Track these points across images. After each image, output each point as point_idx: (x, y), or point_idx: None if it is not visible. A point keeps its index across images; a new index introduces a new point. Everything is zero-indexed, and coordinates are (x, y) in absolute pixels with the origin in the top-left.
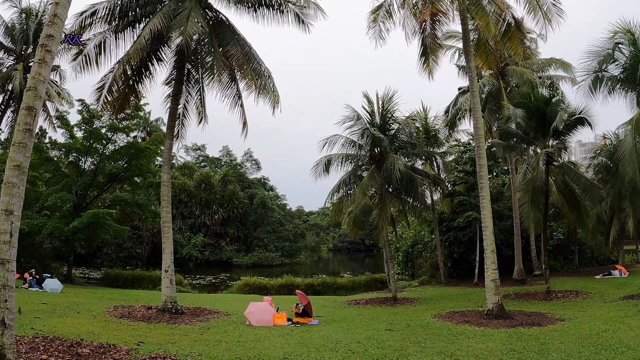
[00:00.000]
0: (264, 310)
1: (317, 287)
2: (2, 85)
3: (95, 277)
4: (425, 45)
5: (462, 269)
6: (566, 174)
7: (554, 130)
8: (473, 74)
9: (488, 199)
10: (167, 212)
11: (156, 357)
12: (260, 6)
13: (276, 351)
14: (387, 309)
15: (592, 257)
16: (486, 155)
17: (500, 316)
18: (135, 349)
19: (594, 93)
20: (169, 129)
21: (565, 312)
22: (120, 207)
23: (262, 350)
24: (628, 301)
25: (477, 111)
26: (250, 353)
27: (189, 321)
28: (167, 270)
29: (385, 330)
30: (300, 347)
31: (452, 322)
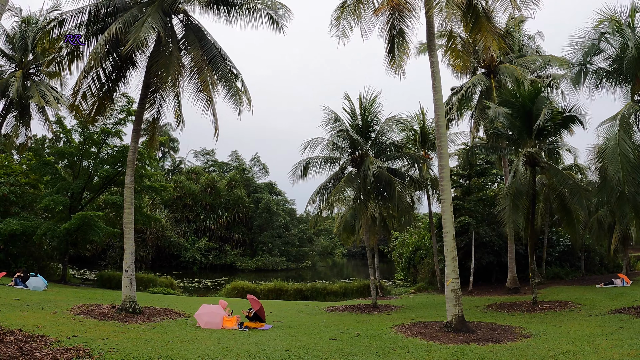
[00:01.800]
0: (213, 313)
1: (306, 292)
2: (3, 92)
3: (91, 279)
4: (392, 42)
5: (461, 276)
6: (553, 176)
7: (538, 129)
8: (435, 69)
9: (449, 203)
10: (129, 213)
11: (71, 350)
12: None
13: (194, 353)
14: (358, 317)
15: (600, 264)
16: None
17: (459, 329)
18: (61, 341)
19: (577, 88)
20: (134, 132)
21: (539, 326)
22: (112, 209)
23: (180, 352)
24: (615, 315)
25: (439, 108)
26: (167, 353)
27: (142, 320)
28: (127, 271)
29: (328, 339)
30: (222, 351)
31: (407, 333)
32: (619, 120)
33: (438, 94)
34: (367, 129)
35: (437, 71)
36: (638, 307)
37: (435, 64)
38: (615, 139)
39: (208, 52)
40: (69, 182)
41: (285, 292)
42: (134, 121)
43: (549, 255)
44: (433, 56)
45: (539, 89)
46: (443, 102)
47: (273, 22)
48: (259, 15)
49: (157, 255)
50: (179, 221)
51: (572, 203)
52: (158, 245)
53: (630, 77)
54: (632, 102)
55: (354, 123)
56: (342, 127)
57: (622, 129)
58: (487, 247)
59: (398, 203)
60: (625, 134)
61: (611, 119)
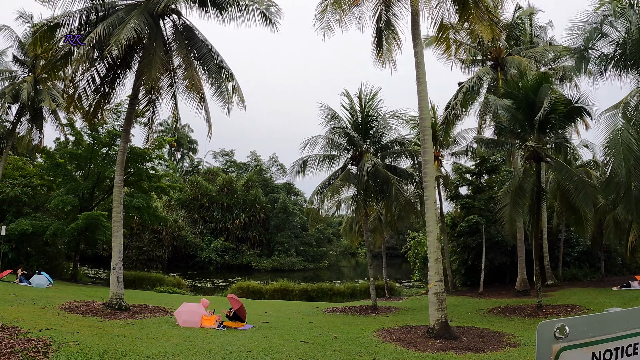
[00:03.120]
0: (192, 312)
1: (312, 293)
2: (16, 96)
3: (103, 278)
4: (381, 34)
5: (475, 277)
6: (558, 172)
7: (542, 122)
8: (419, 59)
9: (433, 200)
10: (118, 212)
11: (33, 340)
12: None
13: (152, 350)
14: (351, 318)
15: (622, 264)
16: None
17: (441, 335)
18: (30, 333)
19: (578, 75)
20: (124, 132)
21: (533, 334)
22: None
23: (140, 348)
24: None
25: (423, 100)
26: (126, 348)
27: (124, 317)
28: (115, 268)
29: (300, 342)
30: (181, 350)
31: (386, 338)
32: (622, 108)
33: (422, 85)
34: (367, 126)
35: (421, 61)
36: None
37: (419, 54)
38: (617, 129)
39: (198, 51)
40: (79, 183)
41: (291, 292)
42: (124, 121)
43: (568, 256)
44: (417, 46)
45: (542, 79)
46: (427, 94)
47: (266, 19)
48: (251, 13)
49: (173, 256)
50: (196, 221)
51: (577, 200)
52: (174, 245)
53: (635, 62)
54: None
55: (352, 120)
56: (340, 124)
57: (625, 118)
58: (500, 248)
59: (395, 201)
60: (628, 124)
61: (613, 108)
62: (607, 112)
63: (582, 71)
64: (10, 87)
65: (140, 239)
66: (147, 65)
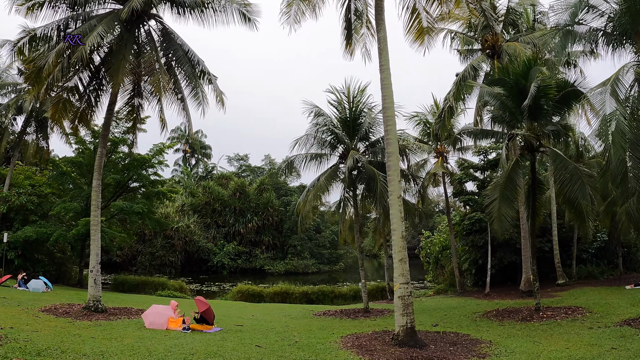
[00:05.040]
0: (158, 314)
1: (312, 296)
2: (20, 107)
3: (108, 283)
4: (350, 24)
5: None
6: (552, 161)
7: (533, 108)
8: (382, 45)
9: (397, 195)
10: (96, 215)
11: None
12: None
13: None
14: (336, 322)
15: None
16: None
17: (406, 343)
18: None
19: (563, 53)
20: (101, 138)
21: (515, 342)
22: (122, 215)
23: (84, 347)
24: (620, 329)
25: (386, 88)
26: (72, 347)
27: (96, 319)
28: (92, 271)
29: (255, 346)
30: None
31: (347, 345)
32: (610, 85)
33: (385, 72)
34: (355, 122)
35: (384, 48)
36: None
37: (382, 40)
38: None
39: (174, 54)
40: (82, 190)
41: (291, 295)
42: (102, 127)
43: (585, 252)
44: (381, 32)
45: (532, 62)
46: (391, 82)
47: (245, 18)
48: (230, 13)
49: (186, 260)
50: (209, 226)
51: (572, 191)
52: (187, 250)
53: (627, 36)
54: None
55: (340, 116)
56: (325, 122)
57: (615, 96)
58: (509, 246)
59: (381, 199)
60: (619, 103)
61: (601, 85)
62: (595, 90)
63: (569, 48)
64: (14, 99)
65: (153, 245)
66: (115, 71)
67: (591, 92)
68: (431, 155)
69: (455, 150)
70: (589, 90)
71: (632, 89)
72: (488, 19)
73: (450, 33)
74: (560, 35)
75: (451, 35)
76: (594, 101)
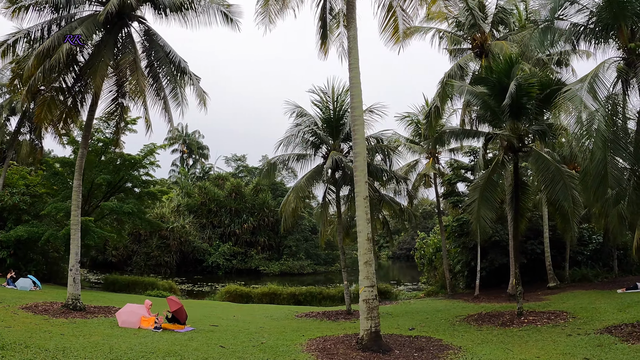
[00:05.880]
0: (131, 312)
1: (300, 297)
2: (13, 109)
3: (101, 282)
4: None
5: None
6: (534, 162)
7: (512, 108)
8: (352, 44)
9: (363, 196)
10: (76, 215)
11: None
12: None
13: (58, 345)
14: (312, 323)
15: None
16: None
17: (369, 348)
18: None
19: (541, 50)
20: (83, 138)
21: (486, 349)
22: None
23: (48, 343)
24: (600, 336)
25: (355, 87)
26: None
27: (73, 317)
28: (72, 269)
29: (219, 347)
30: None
31: (310, 348)
32: (588, 82)
33: (354, 71)
34: (338, 122)
35: (353, 47)
36: (638, 323)
37: (352, 39)
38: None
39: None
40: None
41: (279, 296)
42: (84, 128)
43: (580, 255)
44: (351, 30)
45: (513, 60)
46: (360, 81)
47: (227, 19)
48: (212, 14)
49: (182, 261)
50: (204, 227)
51: (553, 193)
52: (182, 250)
53: (608, 30)
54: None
55: (323, 117)
56: (307, 122)
57: (592, 93)
58: (500, 247)
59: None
60: (596, 101)
61: (578, 82)
62: (571, 87)
63: (549, 45)
64: (8, 100)
65: (148, 245)
66: (94, 72)
67: (566, 89)
68: (423, 156)
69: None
70: (566, 88)
71: (614, 86)
72: (475, 17)
73: (438, 32)
74: (539, 31)
75: (439, 35)
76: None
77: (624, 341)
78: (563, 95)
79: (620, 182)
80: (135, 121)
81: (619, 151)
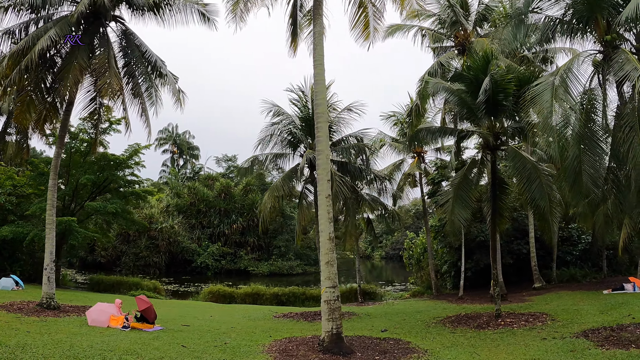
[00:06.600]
0: (101, 311)
1: (283, 297)
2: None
3: (86, 283)
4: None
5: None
6: (511, 160)
7: (488, 104)
8: (317, 39)
9: (325, 194)
10: (51, 214)
11: None
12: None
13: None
14: (286, 324)
15: (630, 263)
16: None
17: (330, 350)
18: None
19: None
20: (59, 138)
21: (455, 353)
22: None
23: (11, 339)
24: (575, 340)
25: (319, 84)
26: None
27: (45, 315)
28: (46, 269)
29: (180, 346)
30: (47, 343)
31: (270, 349)
32: (559, 76)
33: (318, 68)
34: None
35: (319, 42)
36: (617, 327)
37: (317, 35)
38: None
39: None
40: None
41: (262, 296)
42: (60, 128)
43: (569, 255)
44: (317, 26)
45: (489, 56)
46: (324, 78)
47: (205, 18)
48: (189, 13)
49: (171, 261)
50: (193, 227)
51: (529, 191)
52: (171, 251)
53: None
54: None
55: (302, 116)
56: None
57: (564, 86)
58: (486, 248)
59: (334, 199)
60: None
61: (549, 76)
62: (542, 81)
63: (522, 39)
64: None
65: (137, 245)
66: (66, 73)
67: (536, 83)
68: (408, 156)
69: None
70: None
71: (591, 80)
72: (456, 14)
73: (421, 30)
74: (512, 25)
75: (422, 33)
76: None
77: (599, 346)
78: (532, 90)
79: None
80: (120, 121)
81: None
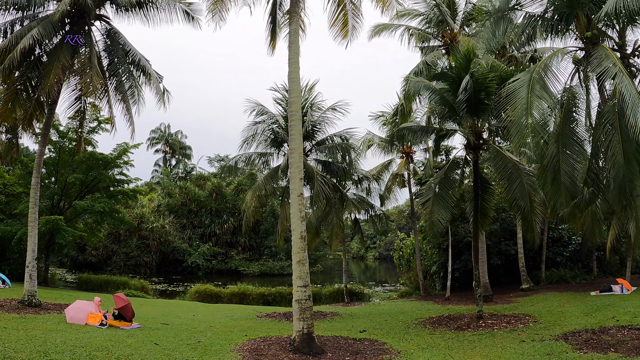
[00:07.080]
0: (79, 309)
1: (269, 297)
2: None
3: (75, 282)
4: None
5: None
6: (492, 159)
7: (470, 103)
8: (293, 38)
9: (297, 193)
10: (33, 212)
11: None
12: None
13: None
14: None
15: (620, 264)
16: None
17: (300, 350)
18: None
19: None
20: (42, 137)
21: (429, 354)
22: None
23: None
24: (554, 343)
25: (294, 82)
26: None
27: (25, 312)
28: (28, 266)
29: (153, 344)
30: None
31: (243, 348)
32: (535, 73)
33: (293, 65)
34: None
35: (294, 40)
36: (599, 329)
37: (293, 33)
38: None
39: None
40: (47, 189)
41: (248, 296)
42: (43, 127)
43: (559, 256)
44: (293, 24)
45: (471, 54)
46: (299, 76)
47: (189, 17)
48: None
49: (162, 261)
50: (185, 227)
51: (510, 191)
52: (162, 250)
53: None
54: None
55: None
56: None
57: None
58: (471, 249)
59: (316, 197)
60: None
61: (526, 73)
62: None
63: (501, 36)
64: None
65: (128, 245)
66: (47, 72)
67: (513, 80)
68: (397, 156)
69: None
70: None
71: (572, 78)
72: (443, 13)
73: (407, 30)
74: (490, 22)
75: (409, 32)
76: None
77: (577, 350)
78: (508, 87)
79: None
80: (109, 120)
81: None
